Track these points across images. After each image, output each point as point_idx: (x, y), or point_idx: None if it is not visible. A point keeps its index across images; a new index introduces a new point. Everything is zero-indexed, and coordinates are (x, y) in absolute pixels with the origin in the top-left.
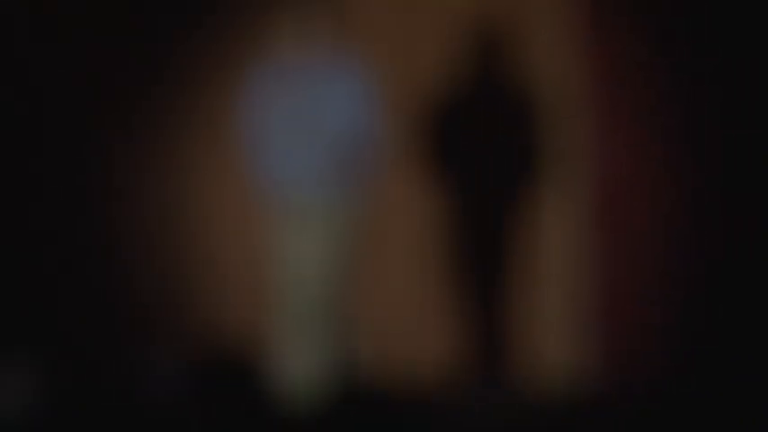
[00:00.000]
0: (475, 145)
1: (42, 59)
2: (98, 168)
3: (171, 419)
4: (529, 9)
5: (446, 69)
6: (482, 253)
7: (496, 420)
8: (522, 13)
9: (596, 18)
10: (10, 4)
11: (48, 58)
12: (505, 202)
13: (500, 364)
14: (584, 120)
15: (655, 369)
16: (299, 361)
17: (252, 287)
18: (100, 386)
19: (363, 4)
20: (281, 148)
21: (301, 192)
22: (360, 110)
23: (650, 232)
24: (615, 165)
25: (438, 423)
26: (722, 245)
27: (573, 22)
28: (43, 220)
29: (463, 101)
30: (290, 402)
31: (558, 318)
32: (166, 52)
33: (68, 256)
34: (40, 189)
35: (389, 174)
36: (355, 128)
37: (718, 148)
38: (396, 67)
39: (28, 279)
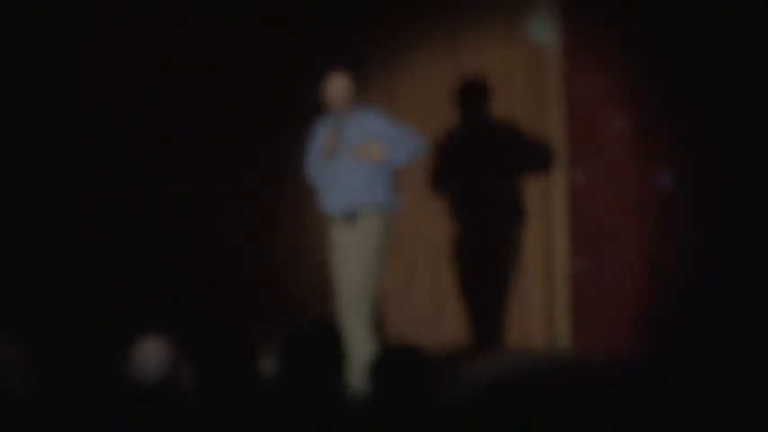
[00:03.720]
0: (473, 167)
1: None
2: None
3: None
4: (511, 64)
5: (452, 116)
6: (482, 254)
7: (494, 372)
8: (505, 68)
9: (565, 66)
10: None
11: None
12: (498, 211)
13: (495, 336)
14: (557, 141)
15: (614, 345)
16: (353, 335)
17: (327, 280)
18: (217, 352)
19: (404, 83)
20: (337, 174)
21: (353, 207)
22: (396, 144)
23: (616, 235)
24: (586, 180)
25: (453, 374)
26: (679, 242)
27: (545, 69)
28: (197, 223)
29: (464, 138)
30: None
31: (539, 304)
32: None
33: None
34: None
35: (416, 192)
36: (394, 159)
37: (681, 156)
38: (421, 117)
39: (178, 271)
